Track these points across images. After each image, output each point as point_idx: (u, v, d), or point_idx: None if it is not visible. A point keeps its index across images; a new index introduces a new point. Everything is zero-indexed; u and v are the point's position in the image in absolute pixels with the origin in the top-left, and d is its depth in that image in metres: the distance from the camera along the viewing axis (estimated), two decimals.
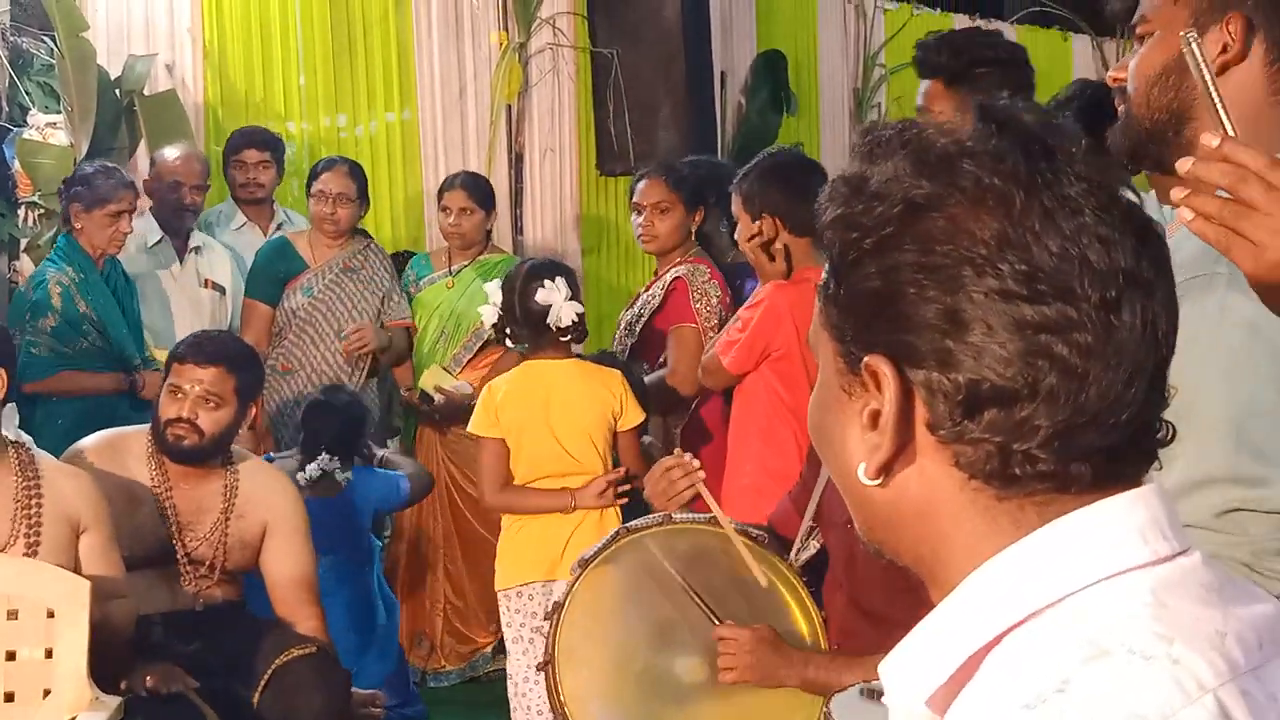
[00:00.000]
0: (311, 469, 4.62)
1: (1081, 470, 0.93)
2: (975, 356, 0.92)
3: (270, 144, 5.86)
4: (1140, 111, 1.84)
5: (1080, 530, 0.93)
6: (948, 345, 0.93)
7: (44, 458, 3.54)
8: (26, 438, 3.70)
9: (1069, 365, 0.92)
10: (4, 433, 3.55)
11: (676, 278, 4.66)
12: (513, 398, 4.06)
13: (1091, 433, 0.93)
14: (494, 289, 4.19)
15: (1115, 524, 0.93)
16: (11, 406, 4.09)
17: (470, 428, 4.19)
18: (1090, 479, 0.94)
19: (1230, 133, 1.42)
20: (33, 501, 3.42)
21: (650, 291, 4.79)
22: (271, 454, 4.73)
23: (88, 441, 3.88)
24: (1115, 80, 1.91)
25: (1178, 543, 0.94)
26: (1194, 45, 1.39)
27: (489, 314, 4.18)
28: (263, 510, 3.85)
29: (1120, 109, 1.91)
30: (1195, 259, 1.70)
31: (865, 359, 0.96)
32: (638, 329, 4.77)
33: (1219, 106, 1.41)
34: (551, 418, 4.04)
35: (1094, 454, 0.93)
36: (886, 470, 0.97)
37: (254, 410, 3.94)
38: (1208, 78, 1.40)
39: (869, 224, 0.96)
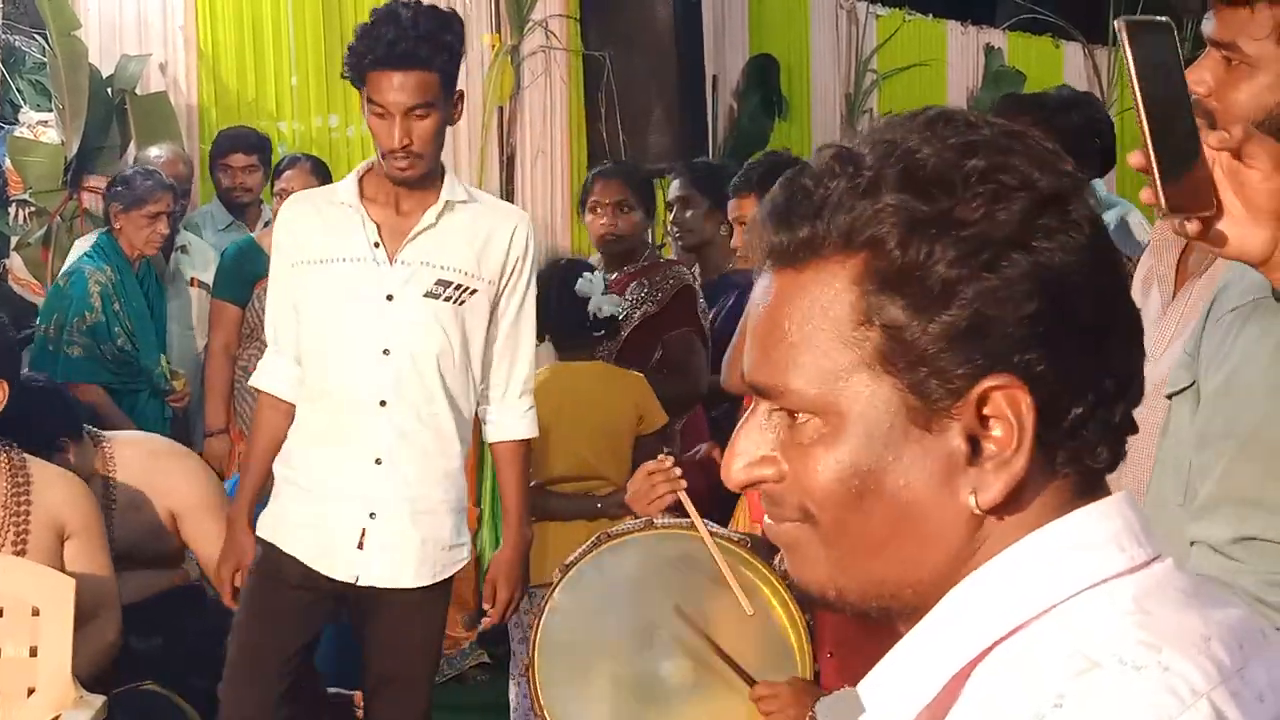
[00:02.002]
0: None
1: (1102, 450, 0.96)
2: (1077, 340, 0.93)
3: (257, 146, 5.80)
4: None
5: (1056, 541, 0.93)
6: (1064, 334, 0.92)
7: (35, 462, 3.50)
8: None
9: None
10: None
11: (685, 285, 4.67)
12: (540, 399, 4.03)
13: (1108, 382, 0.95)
14: None
15: (1091, 533, 0.93)
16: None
17: None
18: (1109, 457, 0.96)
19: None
20: (21, 505, 3.40)
21: (638, 294, 4.77)
22: None
23: None
24: (1194, 92, 1.89)
25: (1151, 548, 0.95)
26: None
27: None
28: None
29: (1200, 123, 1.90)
30: (1263, 281, 1.68)
31: (985, 382, 0.91)
32: (626, 332, 4.76)
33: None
34: (578, 419, 4.01)
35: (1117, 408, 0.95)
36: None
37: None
38: None
39: (985, 235, 0.91)
